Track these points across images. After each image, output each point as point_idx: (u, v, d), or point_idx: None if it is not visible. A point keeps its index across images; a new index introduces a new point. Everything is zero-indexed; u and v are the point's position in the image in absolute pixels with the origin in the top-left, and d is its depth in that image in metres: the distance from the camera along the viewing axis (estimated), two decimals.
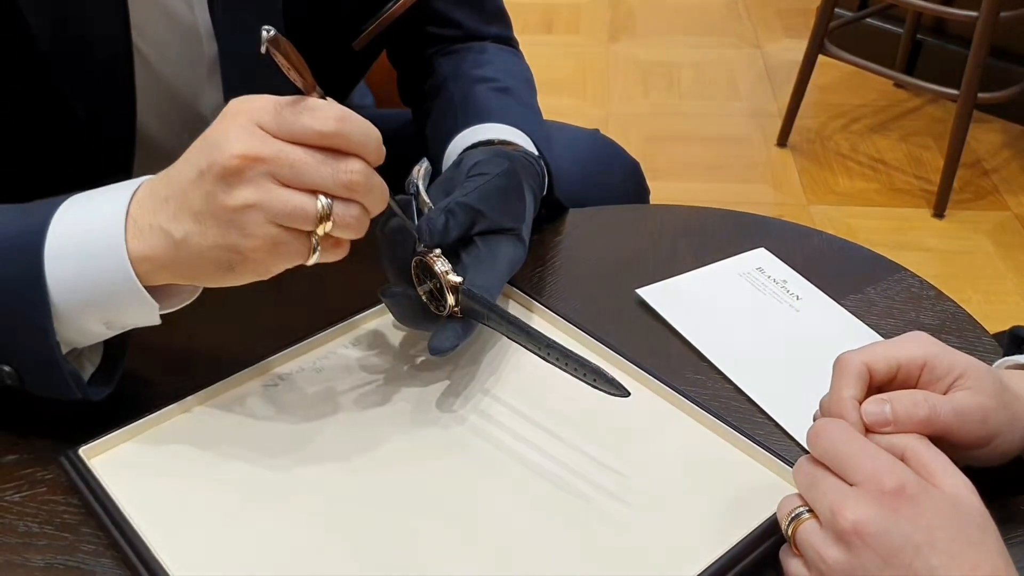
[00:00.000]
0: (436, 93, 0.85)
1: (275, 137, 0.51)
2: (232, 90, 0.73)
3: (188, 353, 0.60)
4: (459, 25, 0.88)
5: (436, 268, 0.61)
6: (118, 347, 0.61)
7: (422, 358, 0.66)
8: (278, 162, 0.50)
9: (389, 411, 0.62)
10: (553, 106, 0.84)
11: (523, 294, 0.71)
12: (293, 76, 0.52)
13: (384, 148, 0.54)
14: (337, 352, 0.66)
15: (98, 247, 0.54)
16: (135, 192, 0.55)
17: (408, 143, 0.92)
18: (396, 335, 0.68)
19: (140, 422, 0.59)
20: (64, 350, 0.56)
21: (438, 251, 0.62)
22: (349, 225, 0.53)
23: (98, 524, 0.54)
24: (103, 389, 0.59)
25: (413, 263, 0.63)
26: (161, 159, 0.78)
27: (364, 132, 0.53)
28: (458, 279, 0.61)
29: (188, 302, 0.58)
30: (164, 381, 0.63)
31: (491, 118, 0.78)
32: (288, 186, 0.51)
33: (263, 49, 0.52)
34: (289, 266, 0.54)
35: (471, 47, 0.88)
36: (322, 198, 0.51)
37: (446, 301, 0.61)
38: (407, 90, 0.94)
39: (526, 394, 0.63)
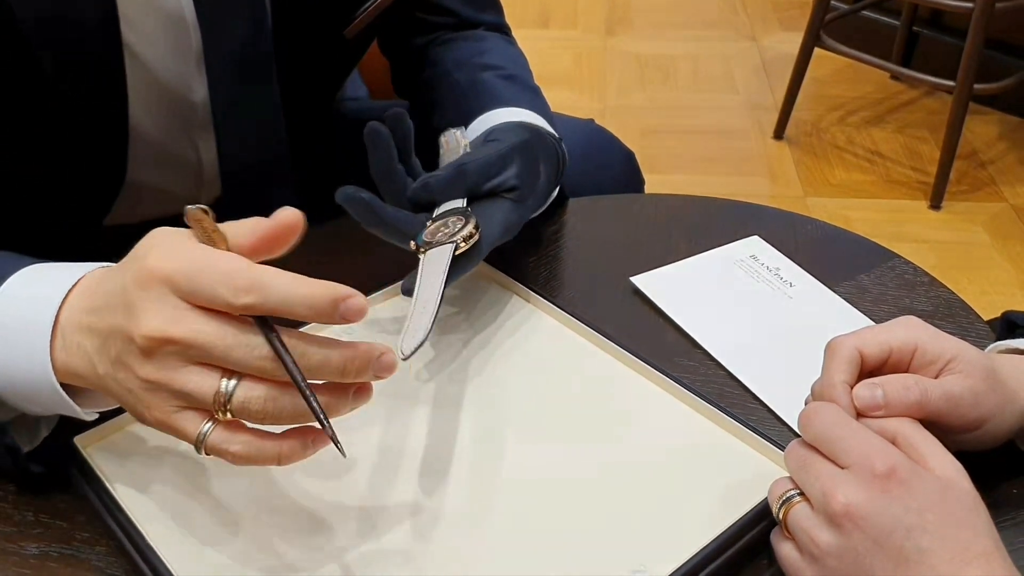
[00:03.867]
0: (440, 82, 0.85)
1: (191, 305, 0.46)
2: (217, 82, 0.73)
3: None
4: (453, 13, 0.88)
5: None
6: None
7: None
8: (187, 343, 0.46)
9: (384, 396, 0.62)
10: (550, 99, 0.84)
11: (518, 284, 0.71)
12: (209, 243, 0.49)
13: (324, 299, 0.46)
14: None
15: (23, 342, 0.50)
16: (70, 292, 0.51)
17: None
18: (391, 322, 0.68)
19: None
20: (7, 416, 0.54)
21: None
22: (249, 409, 0.46)
23: (93, 513, 0.54)
24: (32, 465, 0.56)
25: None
26: (154, 151, 0.79)
27: (283, 296, 0.46)
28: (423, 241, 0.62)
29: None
30: None
31: (506, 103, 0.78)
32: (200, 364, 0.47)
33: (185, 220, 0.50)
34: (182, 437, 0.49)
35: (467, 35, 0.88)
36: (225, 382, 0.46)
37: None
38: (401, 80, 0.94)
39: (518, 379, 0.63)
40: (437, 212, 0.64)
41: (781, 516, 0.51)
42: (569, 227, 0.81)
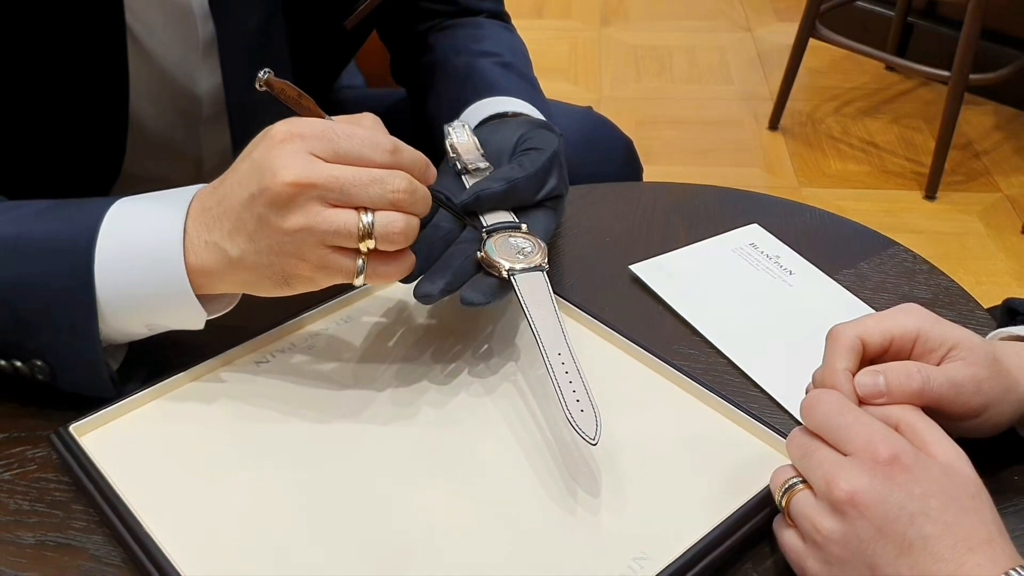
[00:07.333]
0: (437, 68, 0.84)
1: (326, 162, 0.53)
2: (232, 71, 0.73)
3: (180, 330, 0.59)
4: (452, 1, 0.88)
5: (494, 259, 0.60)
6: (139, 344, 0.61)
7: (412, 335, 0.66)
8: (328, 187, 0.52)
9: (381, 386, 0.62)
10: (545, 90, 0.83)
11: None
12: (302, 111, 0.55)
13: (433, 168, 0.57)
14: (329, 329, 0.66)
15: (154, 258, 0.55)
16: (190, 204, 0.56)
17: (401, 122, 0.92)
18: (388, 313, 0.68)
19: (130, 399, 0.58)
20: (115, 359, 0.58)
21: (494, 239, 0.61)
22: (392, 237, 0.54)
23: (89, 501, 0.54)
24: (131, 385, 0.60)
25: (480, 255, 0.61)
26: (153, 141, 0.78)
27: (413, 159, 0.55)
28: (509, 266, 0.59)
29: (229, 308, 0.59)
30: (155, 358, 0.62)
31: (500, 92, 0.77)
32: (336, 206, 0.53)
33: (258, 87, 0.55)
34: (338, 282, 0.56)
35: (466, 22, 0.87)
36: (364, 216, 0.53)
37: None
38: (401, 68, 0.93)
39: (517, 367, 0.63)
40: (487, 224, 0.62)
41: (784, 504, 0.50)
42: (568, 215, 0.80)
